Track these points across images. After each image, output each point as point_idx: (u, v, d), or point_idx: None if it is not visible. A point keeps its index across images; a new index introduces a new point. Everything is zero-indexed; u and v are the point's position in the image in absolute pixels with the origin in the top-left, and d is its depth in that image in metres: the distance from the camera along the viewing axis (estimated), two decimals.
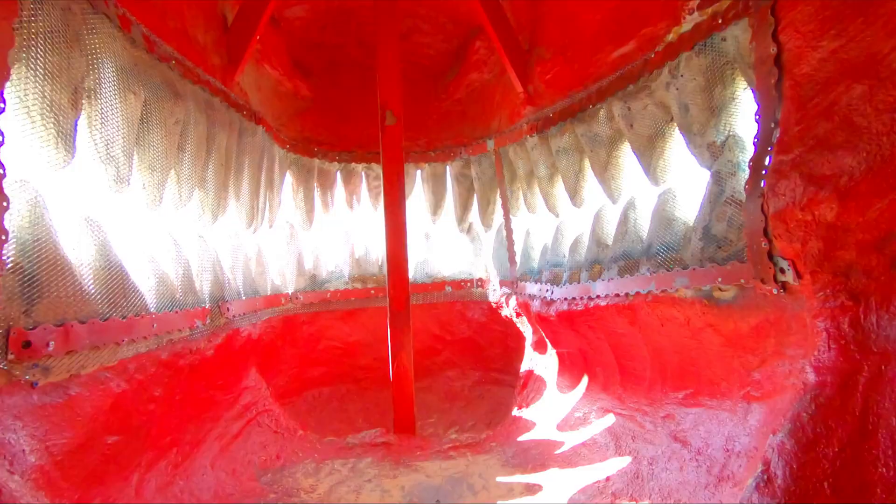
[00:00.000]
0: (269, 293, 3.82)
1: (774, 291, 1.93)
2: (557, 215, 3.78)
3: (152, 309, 2.18)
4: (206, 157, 2.81)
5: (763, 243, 1.91)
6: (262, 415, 3.40)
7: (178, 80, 2.49)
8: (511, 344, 4.57)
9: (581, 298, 3.19)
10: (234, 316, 3.04)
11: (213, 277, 2.88)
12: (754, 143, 1.98)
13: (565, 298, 3.37)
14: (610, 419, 3.04)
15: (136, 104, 2.16)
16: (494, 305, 4.55)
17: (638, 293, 2.63)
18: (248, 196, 3.38)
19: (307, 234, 4.53)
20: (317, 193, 4.60)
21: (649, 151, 2.68)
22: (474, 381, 4.71)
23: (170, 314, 2.30)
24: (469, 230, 4.87)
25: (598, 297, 3.01)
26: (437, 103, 4.84)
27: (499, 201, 4.47)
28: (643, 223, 2.89)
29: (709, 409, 2.40)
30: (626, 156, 2.97)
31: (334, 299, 4.48)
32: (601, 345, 3.26)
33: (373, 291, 4.66)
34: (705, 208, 2.31)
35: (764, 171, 1.90)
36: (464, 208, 4.82)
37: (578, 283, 3.28)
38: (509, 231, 4.32)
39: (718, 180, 2.26)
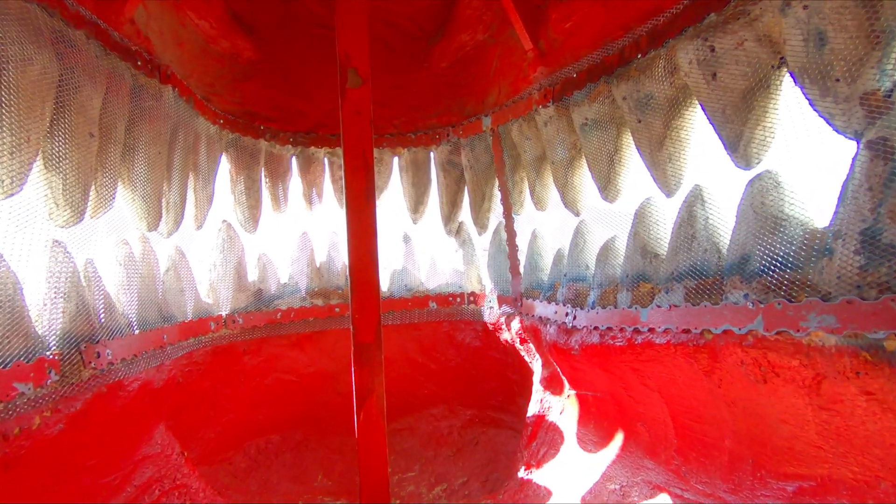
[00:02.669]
0: (189, 318, 2.81)
1: None
2: (578, 213, 2.86)
3: None
4: (59, 118, 1.81)
5: None
6: (169, 494, 2.39)
7: None
8: (512, 376, 3.63)
9: (621, 330, 2.27)
10: (113, 362, 2.03)
11: (73, 307, 1.88)
12: None
13: (596, 328, 2.44)
14: (664, 501, 2.13)
15: None
16: (491, 327, 3.61)
17: (729, 331, 1.72)
18: (149, 184, 2.37)
19: (251, 237, 3.52)
20: (264, 185, 3.59)
21: (741, 115, 1.77)
22: (466, 422, 3.76)
23: None
24: (459, 232, 3.91)
25: (650, 330, 2.10)
26: (417, 74, 3.87)
27: (497, 195, 3.53)
28: (720, 224, 1.99)
29: None
30: (695, 126, 2.07)
31: (287, 321, 3.48)
32: (645, 392, 2.35)
33: (337, 309, 3.68)
34: (858, 200, 1.40)
35: None
36: (452, 204, 3.87)
37: (615, 306, 2.36)
38: (511, 233, 3.39)
39: (885, 152, 1.35)
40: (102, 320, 2.02)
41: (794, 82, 1.63)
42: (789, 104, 1.67)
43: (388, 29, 3.72)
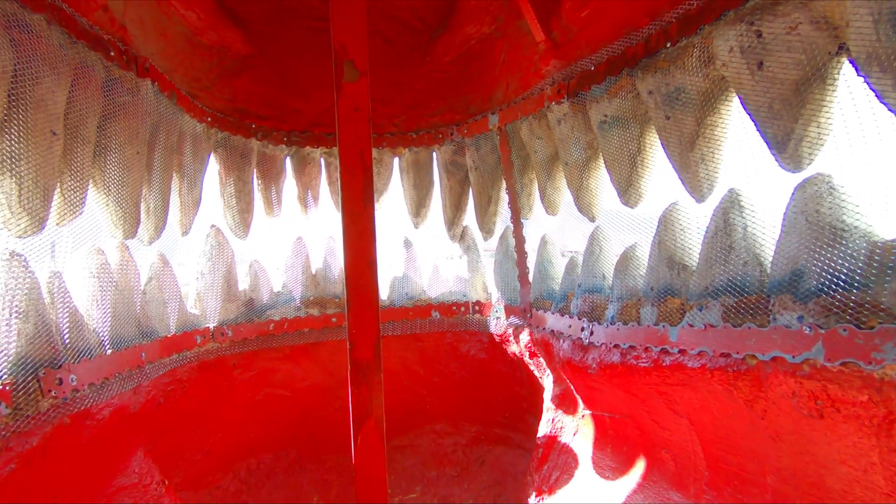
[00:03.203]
0: (172, 333, 2.59)
1: None
2: (594, 218, 2.64)
3: None
4: (12, 114, 1.59)
5: None
6: None
7: None
8: (520, 391, 3.41)
9: (646, 350, 2.05)
10: (79, 388, 1.81)
11: (31, 327, 1.66)
12: None
13: (616, 345, 2.22)
14: None
15: None
16: (498, 339, 3.39)
17: (779, 359, 1.50)
18: (125, 187, 2.15)
19: (242, 243, 3.31)
20: (256, 187, 3.37)
21: (792, 110, 1.55)
22: (470, 440, 3.54)
23: None
24: (463, 237, 3.70)
25: (681, 352, 1.88)
26: (419, 69, 3.65)
27: (504, 198, 3.31)
28: (760, 234, 1.77)
29: None
30: (731, 124, 1.85)
31: (280, 332, 3.26)
32: (672, 417, 2.13)
33: (334, 319, 3.46)
34: None
35: None
36: (456, 207, 3.65)
37: (638, 323, 2.15)
38: (519, 238, 3.17)
39: None
40: (67, 341, 1.80)
41: (857, 72, 1.41)
42: (853, 97, 1.45)
43: (387, 22, 3.50)
